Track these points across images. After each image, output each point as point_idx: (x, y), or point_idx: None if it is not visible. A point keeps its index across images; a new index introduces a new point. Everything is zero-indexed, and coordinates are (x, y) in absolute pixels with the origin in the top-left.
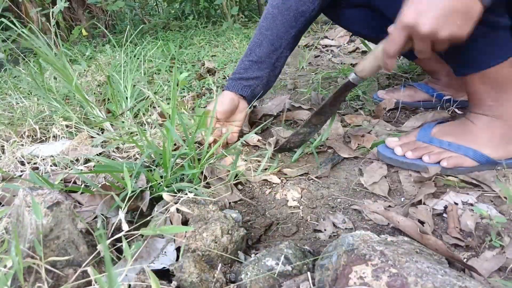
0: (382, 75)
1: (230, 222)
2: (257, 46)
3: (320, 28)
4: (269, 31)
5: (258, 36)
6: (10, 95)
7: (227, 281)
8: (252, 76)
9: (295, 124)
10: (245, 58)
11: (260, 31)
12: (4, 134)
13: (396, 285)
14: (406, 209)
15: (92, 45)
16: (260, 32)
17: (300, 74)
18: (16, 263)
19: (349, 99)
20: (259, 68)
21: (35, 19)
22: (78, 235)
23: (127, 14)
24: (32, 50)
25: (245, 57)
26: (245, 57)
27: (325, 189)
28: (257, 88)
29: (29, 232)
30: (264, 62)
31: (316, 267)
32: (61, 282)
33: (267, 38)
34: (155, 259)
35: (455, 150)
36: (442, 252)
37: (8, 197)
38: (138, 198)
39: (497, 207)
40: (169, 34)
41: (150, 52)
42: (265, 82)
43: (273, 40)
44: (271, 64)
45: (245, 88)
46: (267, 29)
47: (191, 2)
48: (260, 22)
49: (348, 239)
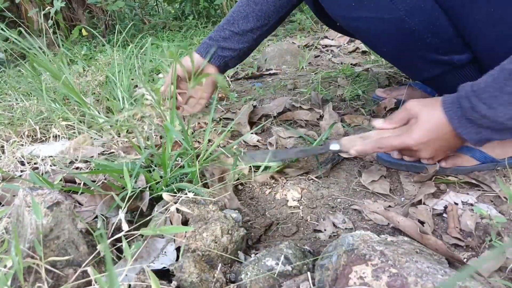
0: (382, 75)
1: (230, 222)
2: (242, 18)
3: (320, 28)
4: (258, 6)
5: (244, 7)
6: (10, 95)
7: (227, 281)
8: (229, 47)
9: (295, 124)
10: (227, 27)
11: (248, 2)
12: (4, 134)
13: (396, 285)
14: (406, 209)
15: (92, 45)
16: (248, 3)
17: (300, 74)
18: (16, 263)
19: (349, 99)
20: (238, 41)
21: (35, 19)
22: (78, 235)
23: (127, 14)
24: (31, 49)
25: (227, 25)
26: (226, 25)
27: (325, 189)
28: (231, 61)
29: (29, 232)
30: (245, 36)
31: (316, 267)
32: (61, 282)
33: (255, 12)
34: (155, 259)
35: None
36: (442, 252)
37: (8, 197)
38: (138, 198)
39: (497, 207)
40: (169, 34)
41: (150, 52)
42: (240, 56)
43: (260, 17)
44: (252, 40)
45: (219, 58)
46: (257, 3)
47: (191, 2)
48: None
49: (348, 239)
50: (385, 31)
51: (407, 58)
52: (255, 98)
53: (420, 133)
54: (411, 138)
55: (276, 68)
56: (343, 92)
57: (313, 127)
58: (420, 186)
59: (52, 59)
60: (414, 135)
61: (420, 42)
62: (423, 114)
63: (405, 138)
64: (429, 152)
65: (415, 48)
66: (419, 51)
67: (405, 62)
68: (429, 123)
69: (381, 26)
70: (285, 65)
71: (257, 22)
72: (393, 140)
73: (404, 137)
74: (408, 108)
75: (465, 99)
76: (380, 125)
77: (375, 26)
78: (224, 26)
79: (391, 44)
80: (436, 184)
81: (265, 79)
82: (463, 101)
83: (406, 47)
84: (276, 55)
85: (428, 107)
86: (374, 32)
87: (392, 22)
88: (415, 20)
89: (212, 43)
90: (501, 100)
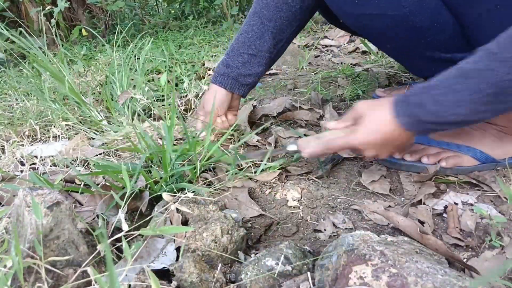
0: (382, 75)
1: (230, 222)
2: (257, 38)
3: (320, 28)
4: (272, 23)
5: (258, 25)
6: (10, 95)
7: (227, 281)
8: (250, 72)
9: (295, 124)
10: (244, 50)
11: (261, 20)
12: (4, 134)
13: (396, 285)
14: (406, 209)
15: (92, 45)
16: (261, 21)
17: (300, 74)
18: (16, 263)
19: (349, 99)
20: (258, 63)
21: (35, 19)
22: (78, 235)
23: (127, 14)
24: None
25: (243, 48)
26: (243, 49)
27: (325, 189)
28: (254, 85)
29: (29, 232)
30: (264, 57)
31: (316, 267)
32: (61, 282)
33: (269, 30)
34: (155, 259)
35: (455, 149)
36: (442, 252)
37: (8, 197)
38: (138, 198)
39: (497, 207)
40: (169, 34)
41: (150, 52)
42: (260, 77)
43: (275, 34)
44: (270, 59)
45: (242, 87)
46: (270, 19)
47: (191, 2)
48: (259, 8)
49: (348, 239)
50: (389, 28)
51: (410, 55)
52: (255, 98)
53: (365, 132)
54: (355, 138)
55: (276, 68)
56: (343, 92)
57: (313, 127)
58: (420, 186)
59: (52, 59)
60: (358, 135)
61: (423, 39)
62: (368, 113)
63: (350, 138)
64: (374, 150)
65: (418, 45)
66: (421, 48)
67: (407, 59)
68: (375, 122)
69: (385, 23)
70: (285, 65)
71: (273, 40)
72: (339, 140)
73: (349, 137)
74: (356, 108)
75: (414, 96)
76: (331, 125)
77: (379, 23)
78: (240, 50)
79: (395, 40)
80: (436, 184)
81: (265, 79)
82: (412, 97)
83: (409, 44)
84: None
85: (375, 107)
86: (378, 29)
87: (396, 19)
88: (419, 17)
89: (231, 72)
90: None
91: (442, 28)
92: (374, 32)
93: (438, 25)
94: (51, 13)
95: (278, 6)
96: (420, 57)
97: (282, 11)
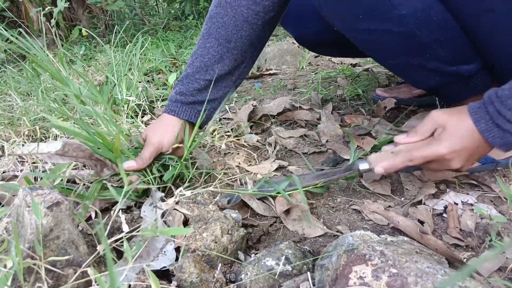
0: (382, 75)
1: (230, 222)
2: (216, 61)
3: None
4: (232, 44)
5: (216, 47)
6: (10, 95)
7: (227, 281)
8: (209, 98)
9: (295, 124)
10: (200, 76)
11: (219, 41)
12: (4, 134)
13: (396, 285)
14: (406, 209)
15: (92, 45)
16: (218, 43)
17: (300, 74)
18: (16, 263)
19: (349, 99)
20: (217, 88)
21: (35, 19)
22: (78, 235)
23: (127, 14)
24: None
25: (199, 74)
26: (198, 74)
27: (325, 189)
28: (213, 113)
29: (29, 232)
30: (224, 80)
31: (316, 267)
32: (61, 282)
33: (230, 52)
34: (155, 259)
35: None
36: (442, 252)
37: (8, 197)
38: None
39: (497, 207)
40: (169, 34)
41: (151, 52)
42: (221, 102)
43: (236, 55)
44: (232, 82)
45: (198, 113)
46: (229, 41)
47: (191, 2)
48: (214, 28)
49: (348, 239)
50: (393, 44)
51: (414, 69)
52: (255, 98)
53: (452, 141)
54: (443, 147)
55: (276, 68)
56: (343, 92)
57: (313, 127)
58: (420, 186)
59: (52, 59)
60: (446, 144)
61: (428, 54)
62: (452, 122)
63: (437, 148)
64: (461, 160)
65: (423, 60)
66: (426, 63)
67: (411, 73)
68: (460, 130)
69: (389, 39)
70: (285, 65)
71: (234, 62)
72: (423, 151)
73: (435, 146)
74: (434, 118)
75: (491, 105)
76: (403, 140)
77: (383, 39)
78: (196, 76)
79: (399, 56)
80: (436, 184)
81: (265, 79)
82: (489, 106)
83: (414, 59)
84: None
85: (455, 115)
86: (381, 44)
87: (401, 35)
88: (426, 33)
89: (187, 100)
90: None
91: (449, 41)
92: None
93: (444, 39)
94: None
95: (238, 24)
96: (424, 71)
97: (242, 29)
